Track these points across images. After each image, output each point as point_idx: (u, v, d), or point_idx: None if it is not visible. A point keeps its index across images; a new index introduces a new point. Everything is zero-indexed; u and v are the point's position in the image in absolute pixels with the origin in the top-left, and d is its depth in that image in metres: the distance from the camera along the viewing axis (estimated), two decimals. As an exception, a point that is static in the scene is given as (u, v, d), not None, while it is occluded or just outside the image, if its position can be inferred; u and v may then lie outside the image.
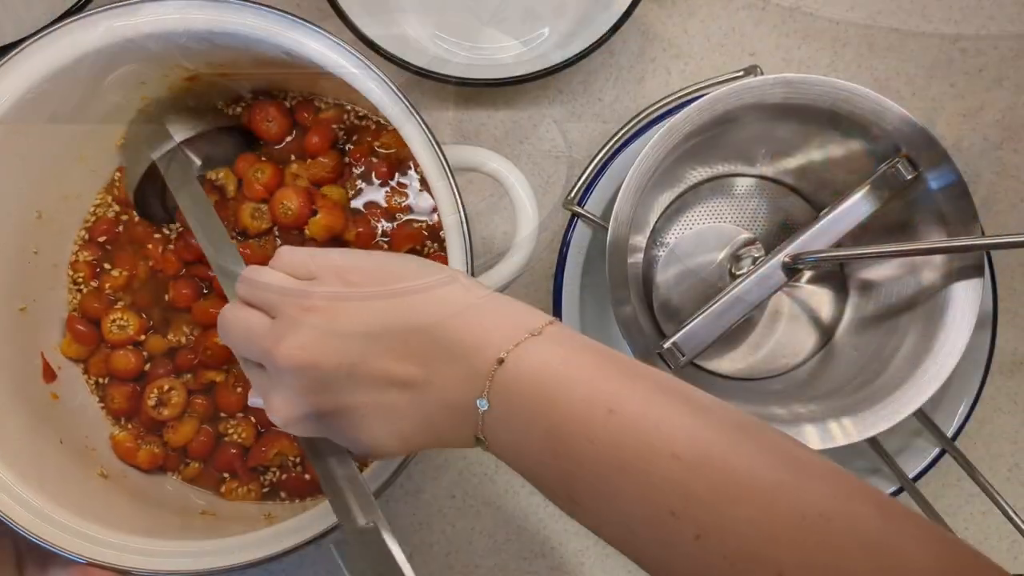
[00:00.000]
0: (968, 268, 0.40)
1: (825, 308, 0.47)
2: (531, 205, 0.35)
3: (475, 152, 0.36)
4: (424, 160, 0.34)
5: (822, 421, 0.38)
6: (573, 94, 0.52)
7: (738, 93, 0.40)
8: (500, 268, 0.35)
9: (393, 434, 0.30)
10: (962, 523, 0.50)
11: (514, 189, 0.35)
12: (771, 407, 0.40)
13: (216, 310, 0.44)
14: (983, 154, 0.51)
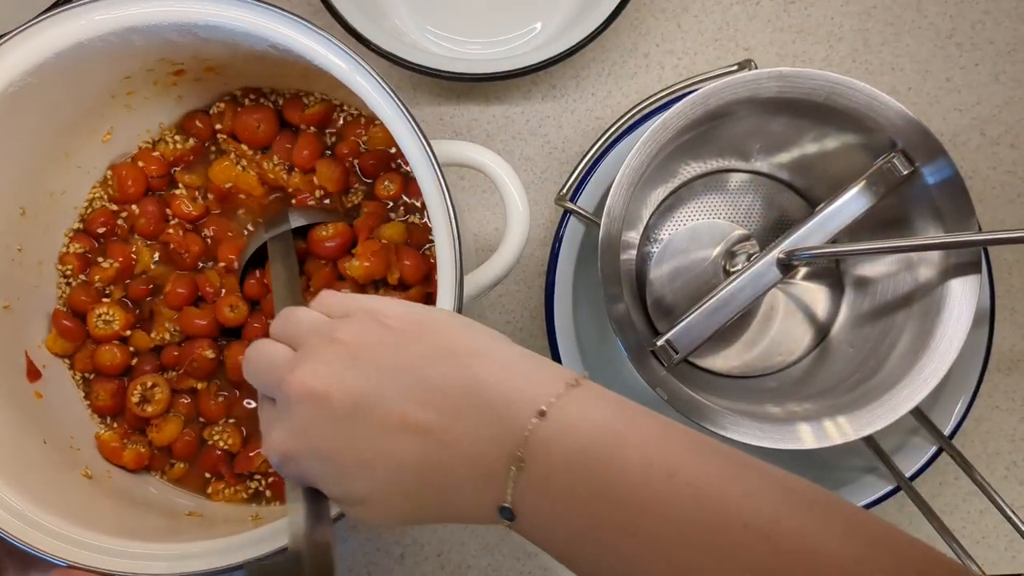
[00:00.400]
0: (965, 264, 0.39)
1: (821, 305, 0.47)
2: (521, 201, 0.34)
3: (465, 147, 0.35)
4: (412, 156, 0.33)
5: (817, 420, 0.37)
6: (566, 89, 0.51)
7: (731, 87, 0.39)
8: (490, 264, 0.35)
9: (396, 491, 0.26)
10: (959, 522, 0.50)
11: (504, 184, 0.34)
12: (766, 405, 0.40)
13: (203, 321, 0.44)
14: (979, 149, 0.51)
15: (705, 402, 0.38)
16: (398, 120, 0.33)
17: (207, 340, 0.44)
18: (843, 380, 0.42)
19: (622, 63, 0.51)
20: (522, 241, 0.34)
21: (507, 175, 0.34)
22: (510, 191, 0.34)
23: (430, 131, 0.51)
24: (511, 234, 0.34)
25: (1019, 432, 0.50)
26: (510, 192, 0.34)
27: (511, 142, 0.51)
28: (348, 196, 0.44)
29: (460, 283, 0.32)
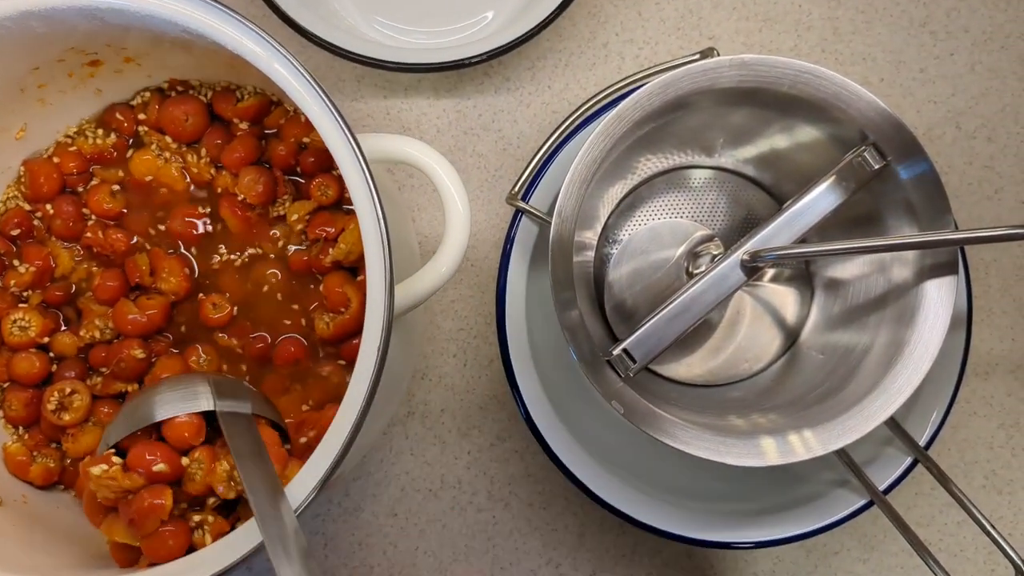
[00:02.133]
0: (941, 265, 0.36)
1: (790, 309, 0.44)
2: (461, 200, 0.31)
3: (397, 141, 0.32)
4: (336, 150, 0.30)
5: (782, 433, 0.35)
6: (520, 82, 0.48)
7: (690, 76, 0.37)
8: (427, 271, 0.32)
9: None
10: (936, 534, 0.48)
11: (441, 182, 0.31)
12: (729, 417, 0.37)
13: (138, 317, 0.40)
14: (955, 143, 0.49)
15: (664, 415, 0.35)
16: (320, 110, 0.30)
17: (137, 339, 0.41)
18: (812, 389, 0.39)
19: (580, 54, 0.48)
20: (462, 244, 0.31)
21: (445, 171, 0.31)
22: (448, 189, 0.31)
23: (376, 126, 0.48)
24: (450, 237, 0.31)
25: (998, 439, 0.48)
26: (448, 191, 0.31)
27: (463, 137, 0.48)
28: (275, 206, 0.41)
29: (390, 293, 0.29)
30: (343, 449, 0.29)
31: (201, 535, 0.34)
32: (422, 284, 0.32)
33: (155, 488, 0.34)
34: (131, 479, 0.34)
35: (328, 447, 0.29)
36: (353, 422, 0.29)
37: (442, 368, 0.47)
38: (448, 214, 0.31)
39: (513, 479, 0.47)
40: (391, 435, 0.47)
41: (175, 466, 0.34)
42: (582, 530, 0.47)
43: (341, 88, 0.48)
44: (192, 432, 0.34)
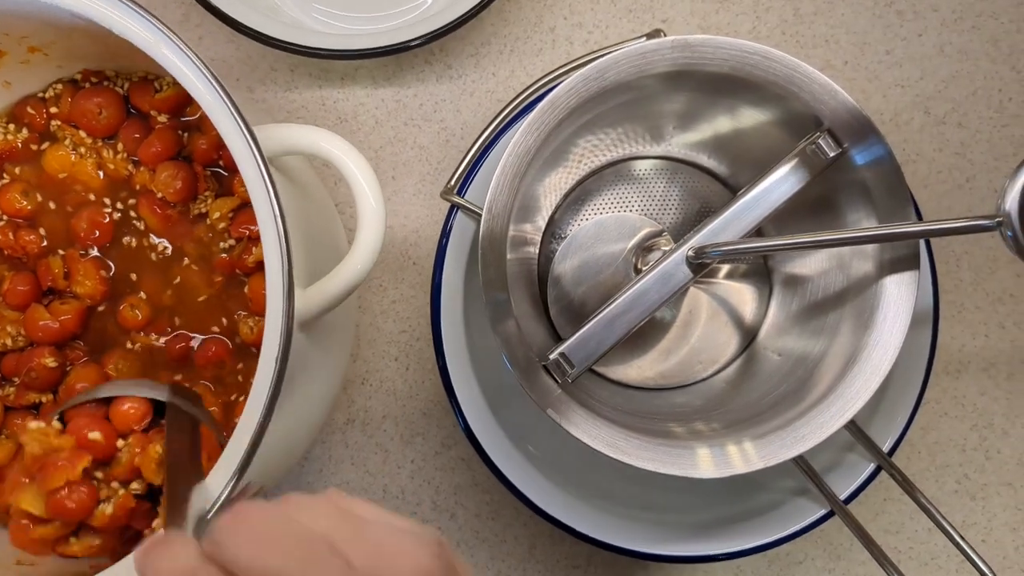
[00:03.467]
0: (901, 259, 0.34)
1: (748, 307, 0.42)
2: (374, 194, 0.29)
3: (302, 131, 0.29)
4: (231, 142, 0.27)
5: (720, 443, 0.32)
6: (463, 69, 0.46)
7: (628, 59, 0.34)
8: (337, 273, 0.29)
9: None
10: (906, 542, 0.45)
11: (352, 174, 0.29)
12: (668, 423, 0.35)
13: (50, 323, 0.38)
14: (924, 129, 0.46)
15: (602, 422, 0.33)
16: (212, 98, 0.28)
17: (49, 347, 0.38)
18: (767, 394, 0.37)
19: (526, 39, 0.46)
20: (377, 241, 0.29)
21: (355, 162, 0.29)
22: (360, 182, 0.29)
23: (311, 118, 0.45)
24: (363, 235, 0.29)
25: (970, 441, 0.45)
26: (360, 184, 0.29)
27: (403, 129, 0.45)
28: (196, 204, 0.38)
29: (288, 294, 0.27)
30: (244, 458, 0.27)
31: (104, 507, 0.34)
32: (336, 284, 0.29)
33: (77, 451, 0.34)
34: (62, 440, 0.34)
35: (230, 455, 0.27)
36: (254, 430, 0.27)
37: (383, 372, 0.45)
38: (360, 208, 0.29)
39: (459, 489, 0.44)
40: (330, 444, 0.44)
41: (109, 441, 0.34)
42: (532, 541, 0.44)
43: (274, 78, 0.45)
44: (137, 416, 0.35)
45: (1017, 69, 0.46)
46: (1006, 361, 0.46)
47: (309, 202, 0.35)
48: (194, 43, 0.45)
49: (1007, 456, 0.45)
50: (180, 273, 0.39)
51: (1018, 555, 0.46)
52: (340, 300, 0.29)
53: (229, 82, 0.45)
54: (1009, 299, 0.46)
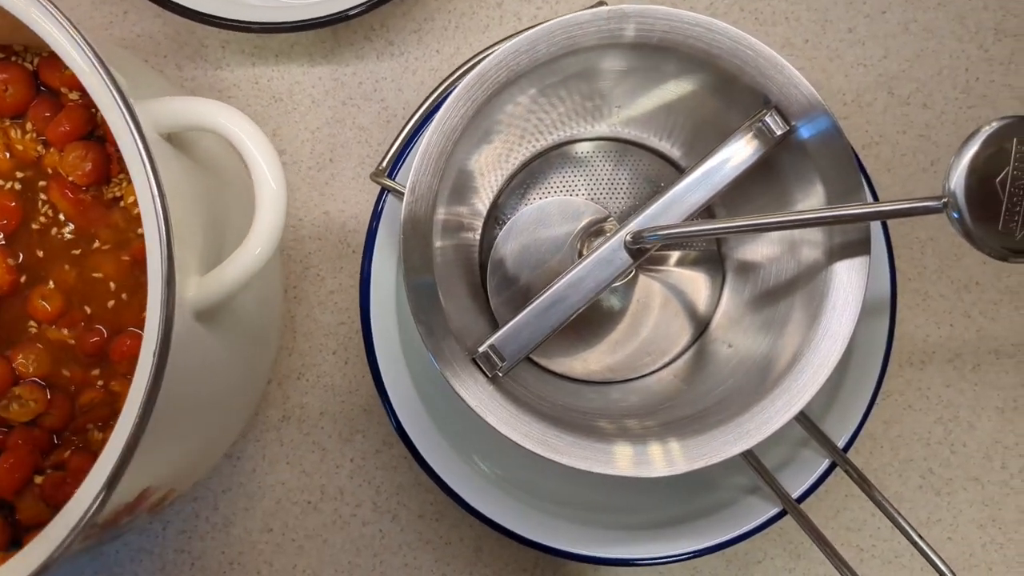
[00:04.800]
0: (851, 244, 0.32)
1: (701, 296, 0.40)
2: (273, 173, 0.27)
3: (193, 104, 0.27)
4: (108, 113, 0.25)
5: (643, 441, 0.30)
6: (405, 46, 0.43)
7: (564, 30, 0.32)
8: (237, 256, 0.27)
9: None
10: (868, 539, 0.43)
11: (248, 151, 0.26)
12: (598, 420, 0.33)
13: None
14: (888, 110, 0.44)
15: (531, 418, 0.31)
16: (87, 68, 0.25)
17: None
18: (716, 387, 0.35)
19: (471, 14, 0.43)
20: (275, 227, 0.27)
21: (251, 137, 0.27)
22: (257, 161, 0.26)
23: (243, 96, 0.43)
24: (261, 216, 0.27)
25: (935, 435, 0.44)
26: (257, 161, 0.26)
27: (341, 108, 0.43)
28: (109, 187, 0.36)
29: (167, 282, 0.24)
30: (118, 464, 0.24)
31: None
32: (232, 271, 0.27)
33: None
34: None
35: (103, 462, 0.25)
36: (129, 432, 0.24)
37: (321, 367, 0.42)
38: (258, 189, 0.27)
39: (401, 488, 0.42)
40: (264, 442, 0.42)
41: None
42: (479, 543, 0.42)
43: (204, 56, 0.43)
44: None
45: (984, 48, 0.44)
46: (972, 352, 0.44)
47: (222, 184, 0.32)
48: (118, 18, 0.43)
49: (973, 450, 0.44)
50: (94, 262, 0.37)
51: (985, 552, 0.44)
52: (237, 288, 0.27)
53: (156, 59, 0.43)
54: (975, 287, 0.44)
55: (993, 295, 0.44)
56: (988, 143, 0.25)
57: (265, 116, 0.43)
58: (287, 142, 0.43)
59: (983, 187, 0.25)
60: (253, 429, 0.42)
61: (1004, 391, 0.44)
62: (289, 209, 0.43)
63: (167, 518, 0.42)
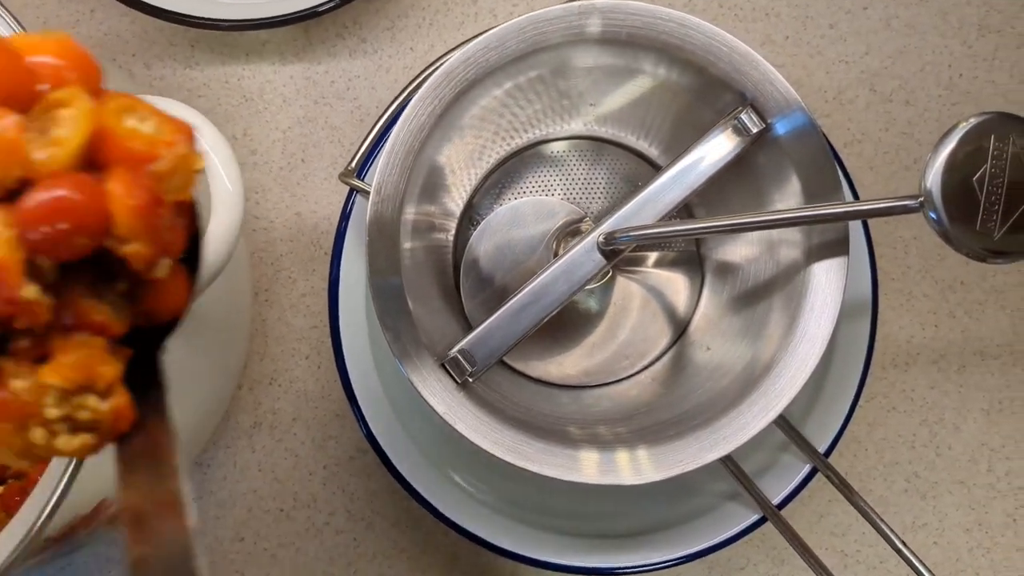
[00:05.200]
0: (829, 244, 0.31)
1: (681, 298, 0.39)
2: (229, 174, 0.26)
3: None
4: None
5: (613, 448, 0.29)
6: (379, 43, 0.42)
7: (535, 25, 0.31)
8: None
9: None
10: (854, 545, 0.43)
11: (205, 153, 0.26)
12: (568, 426, 0.32)
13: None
14: (870, 107, 0.43)
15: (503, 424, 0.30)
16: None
17: None
18: (694, 390, 0.34)
19: (446, 11, 0.42)
20: (233, 230, 0.26)
21: (207, 138, 0.26)
22: (212, 162, 0.26)
23: (213, 96, 0.42)
24: (217, 223, 0.26)
25: (920, 437, 0.43)
26: (213, 164, 0.26)
27: (313, 108, 0.42)
28: None
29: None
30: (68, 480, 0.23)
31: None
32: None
33: None
34: None
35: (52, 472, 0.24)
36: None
37: (293, 372, 0.41)
38: (213, 190, 0.26)
39: (376, 495, 0.41)
40: (235, 449, 0.41)
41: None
42: (455, 551, 0.42)
43: (173, 54, 0.42)
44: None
45: (968, 44, 0.43)
46: (957, 352, 0.43)
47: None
48: (85, 16, 0.42)
49: (959, 453, 0.43)
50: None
51: (972, 557, 0.43)
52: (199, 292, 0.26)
53: (124, 58, 0.42)
54: (960, 287, 0.43)
55: (978, 295, 0.43)
56: (965, 140, 0.25)
57: (235, 116, 0.42)
58: (258, 142, 0.42)
59: (960, 186, 0.25)
60: (224, 436, 0.41)
61: (990, 392, 0.43)
62: (260, 211, 0.42)
63: (136, 527, 0.41)
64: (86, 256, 0.17)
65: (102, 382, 0.17)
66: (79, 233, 0.16)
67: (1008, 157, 0.25)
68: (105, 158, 0.17)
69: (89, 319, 0.17)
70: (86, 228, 0.16)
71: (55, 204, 0.16)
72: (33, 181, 0.16)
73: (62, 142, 0.16)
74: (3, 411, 0.17)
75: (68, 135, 0.16)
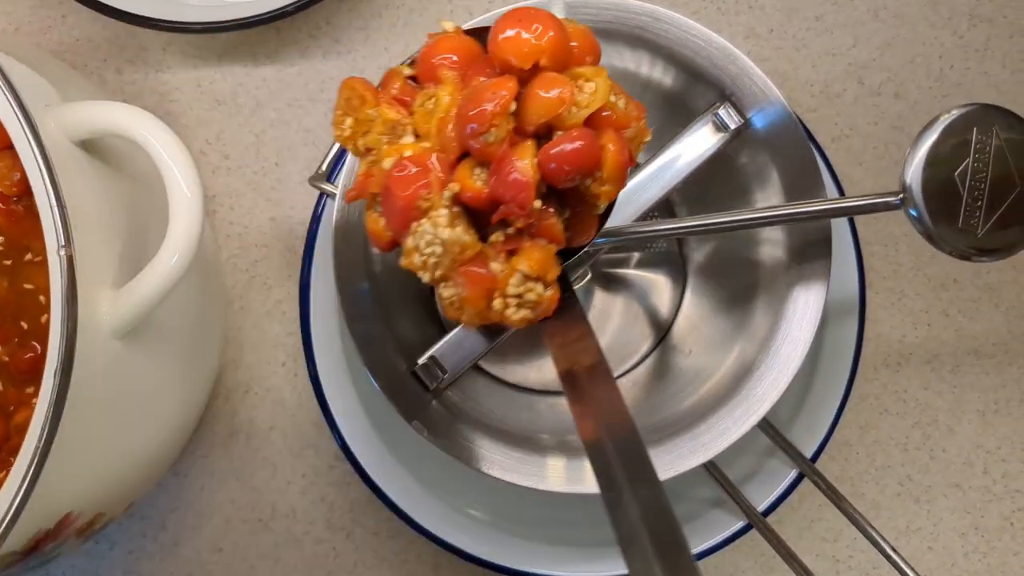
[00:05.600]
0: (812, 243, 0.30)
1: (664, 300, 0.38)
2: (186, 178, 0.25)
3: (101, 109, 0.25)
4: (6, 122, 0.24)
5: (579, 456, 0.28)
6: (352, 44, 0.42)
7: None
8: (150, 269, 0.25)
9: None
10: (845, 551, 0.42)
11: (159, 155, 0.25)
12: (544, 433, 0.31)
13: None
14: (858, 101, 0.42)
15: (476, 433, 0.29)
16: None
17: None
18: (675, 395, 0.33)
19: (421, 10, 0.42)
20: (191, 236, 0.25)
21: (162, 141, 0.25)
22: (169, 168, 0.25)
23: (186, 100, 0.41)
24: (175, 225, 0.25)
25: (913, 440, 0.42)
26: (170, 169, 0.25)
27: (286, 110, 0.41)
28: None
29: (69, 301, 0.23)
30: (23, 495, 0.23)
31: None
32: (147, 284, 0.25)
33: None
34: None
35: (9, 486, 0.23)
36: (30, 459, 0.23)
37: (269, 380, 0.41)
38: (171, 195, 0.25)
39: (355, 505, 0.40)
40: (212, 458, 0.40)
41: None
42: (437, 561, 0.41)
43: (144, 58, 0.41)
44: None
45: (959, 34, 0.42)
46: (950, 352, 0.42)
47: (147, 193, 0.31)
48: (56, 22, 0.41)
49: (953, 455, 0.42)
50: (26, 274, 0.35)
51: (968, 562, 0.42)
52: (155, 301, 0.25)
53: (96, 63, 0.41)
54: (953, 284, 0.42)
55: (972, 293, 0.42)
56: (947, 133, 0.24)
57: (208, 120, 0.41)
58: (231, 146, 0.41)
59: (943, 181, 0.24)
60: (200, 445, 0.40)
61: (985, 393, 0.42)
62: (234, 216, 0.41)
63: (113, 538, 0.40)
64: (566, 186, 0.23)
65: (550, 276, 0.24)
66: (579, 172, 0.23)
67: (992, 150, 0.24)
68: (599, 122, 0.23)
69: (551, 231, 0.23)
70: (584, 170, 0.23)
71: (575, 151, 0.22)
72: (555, 128, 0.23)
73: (587, 104, 0.23)
74: (481, 282, 0.23)
75: (591, 100, 0.23)
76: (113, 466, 0.29)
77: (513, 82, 0.22)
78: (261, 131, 0.41)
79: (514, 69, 0.23)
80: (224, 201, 0.41)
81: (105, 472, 0.29)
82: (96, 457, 0.27)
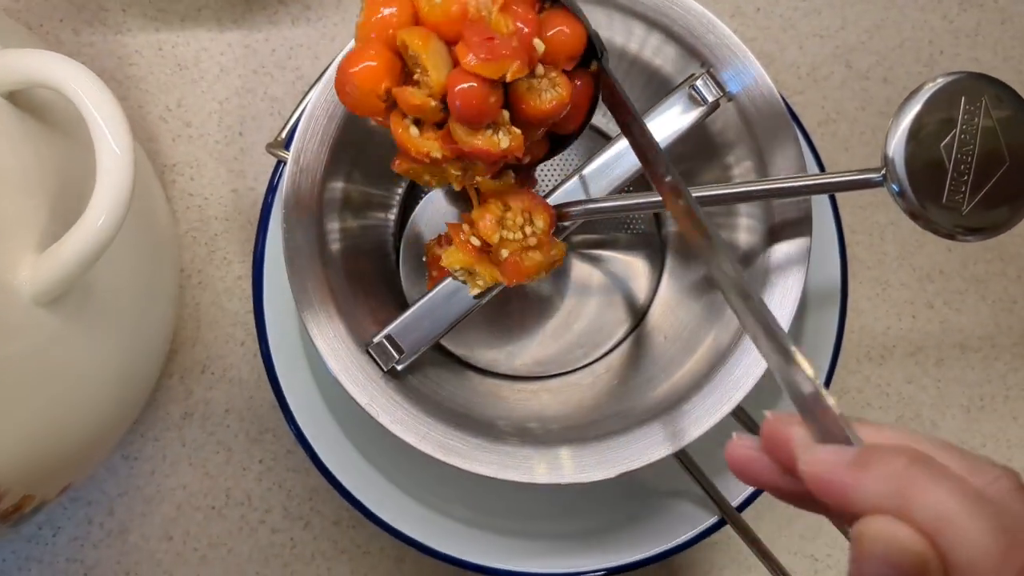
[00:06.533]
0: (791, 224, 0.29)
1: (641, 283, 0.36)
2: (116, 139, 0.23)
3: (26, 58, 0.23)
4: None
5: (552, 445, 0.27)
6: (323, 10, 0.40)
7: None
8: (74, 232, 0.23)
9: None
10: (824, 548, 0.40)
11: (88, 111, 0.23)
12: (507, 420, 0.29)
13: None
14: (845, 84, 0.41)
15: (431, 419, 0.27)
16: None
17: None
18: (649, 381, 0.32)
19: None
20: (120, 196, 0.23)
21: (92, 95, 0.23)
22: (97, 122, 0.23)
23: (146, 64, 0.39)
24: (101, 187, 0.23)
25: (895, 436, 0.40)
26: (96, 122, 0.23)
27: (252, 77, 0.39)
28: None
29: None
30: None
31: None
32: (71, 248, 0.23)
33: None
34: None
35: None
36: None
37: (227, 359, 0.39)
38: (98, 152, 0.23)
39: (315, 493, 0.39)
40: (164, 441, 0.39)
41: None
42: (400, 554, 0.39)
43: (103, 19, 0.39)
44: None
45: (949, 18, 0.41)
46: (935, 345, 0.41)
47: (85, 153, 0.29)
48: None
49: (936, 453, 0.40)
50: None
51: (948, 562, 0.41)
52: (82, 265, 0.24)
53: (52, 24, 0.39)
54: (939, 276, 0.41)
55: (958, 284, 0.41)
56: (933, 103, 0.22)
57: (169, 85, 0.39)
58: (192, 114, 0.39)
59: (927, 154, 0.22)
60: (152, 427, 0.39)
61: (970, 388, 0.41)
62: (194, 187, 0.39)
63: (57, 523, 0.38)
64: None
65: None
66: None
67: (980, 122, 0.22)
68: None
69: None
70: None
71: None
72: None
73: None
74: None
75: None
76: (40, 443, 0.27)
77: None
78: (225, 99, 0.39)
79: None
80: (184, 171, 0.39)
81: (30, 449, 0.27)
82: (16, 431, 0.26)
